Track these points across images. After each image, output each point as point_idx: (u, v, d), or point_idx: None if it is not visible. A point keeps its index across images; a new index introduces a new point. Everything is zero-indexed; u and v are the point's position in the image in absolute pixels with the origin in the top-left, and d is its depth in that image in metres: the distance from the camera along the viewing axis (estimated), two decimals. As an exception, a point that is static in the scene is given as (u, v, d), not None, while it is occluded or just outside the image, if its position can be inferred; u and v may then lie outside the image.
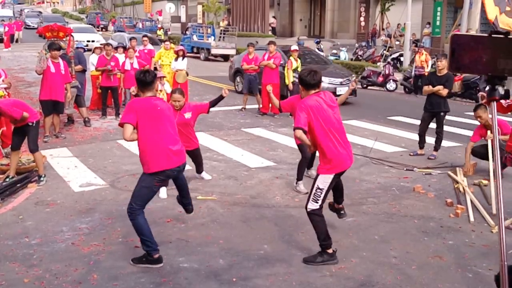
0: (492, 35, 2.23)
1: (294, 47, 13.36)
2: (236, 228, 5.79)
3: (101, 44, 13.62)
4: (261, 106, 12.69)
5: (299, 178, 7.00)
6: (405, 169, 8.11)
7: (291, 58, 12.68)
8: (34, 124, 7.08)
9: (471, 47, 2.27)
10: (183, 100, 6.63)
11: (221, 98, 6.86)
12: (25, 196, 6.75)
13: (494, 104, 2.32)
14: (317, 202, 4.81)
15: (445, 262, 5.02)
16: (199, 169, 7.44)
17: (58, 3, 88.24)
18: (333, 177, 4.83)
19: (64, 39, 11.30)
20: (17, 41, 35.83)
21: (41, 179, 7.21)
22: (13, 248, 5.19)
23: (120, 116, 9.64)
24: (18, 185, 7.02)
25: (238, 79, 16.22)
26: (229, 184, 7.35)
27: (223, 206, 6.46)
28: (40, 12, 57.33)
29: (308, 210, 4.86)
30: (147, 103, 4.78)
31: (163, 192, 6.62)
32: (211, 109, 7.17)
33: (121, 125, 4.74)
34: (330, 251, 4.91)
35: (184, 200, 5.63)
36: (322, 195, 4.81)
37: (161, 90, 12.68)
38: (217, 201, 6.62)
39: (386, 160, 8.60)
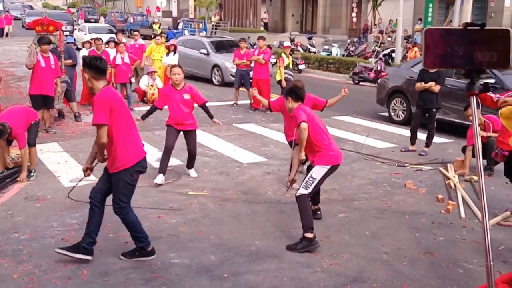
0: (468, 28, 2.19)
1: (287, 43, 13.34)
2: (227, 224, 5.77)
3: (91, 39, 13.48)
4: (252, 101, 12.66)
5: (291, 174, 6.99)
6: (396, 165, 8.13)
7: (282, 55, 12.64)
8: (37, 122, 7.33)
9: (446, 41, 2.20)
10: (182, 75, 6.90)
11: (211, 115, 7.19)
12: (15, 191, 6.69)
13: (474, 98, 2.26)
14: (307, 189, 5.08)
15: (436, 258, 5.03)
16: (190, 163, 7.35)
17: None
18: (327, 169, 5.13)
19: (54, 33, 11.20)
20: (7, 35, 35.53)
21: (31, 174, 7.16)
22: (2, 243, 5.14)
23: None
24: (8, 180, 6.97)
25: (395, 103, 11.54)
26: (220, 179, 7.33)
27: (215, 201, 6.43)
28: (31, 7, 56.84)
29: (298, 194, 5.11)
30: (114, 94, 4.55)
31: (159, 178, 6.91)
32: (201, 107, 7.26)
33: (97, 125, 4.37)
34: (310, 235, 5.07)
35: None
36: (314, 184, 5.09)
37: (152, 85, 12.64)
38: (208, 197, 6.59)
39: (377, 156, 8.61)
